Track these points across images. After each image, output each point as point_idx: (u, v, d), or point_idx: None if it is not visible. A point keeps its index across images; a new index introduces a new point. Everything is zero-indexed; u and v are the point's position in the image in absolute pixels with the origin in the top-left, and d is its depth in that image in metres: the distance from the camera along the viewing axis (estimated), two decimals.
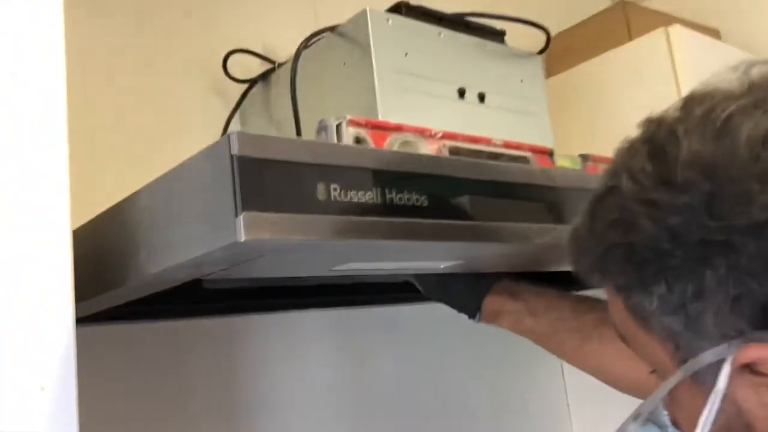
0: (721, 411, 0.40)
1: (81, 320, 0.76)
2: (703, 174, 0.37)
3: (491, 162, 0.63)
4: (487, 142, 0.81)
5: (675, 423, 0.46)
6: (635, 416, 0.46)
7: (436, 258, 0.68)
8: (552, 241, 0.64)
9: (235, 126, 1.13)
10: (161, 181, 0.54)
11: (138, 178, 1.00)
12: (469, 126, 0.99)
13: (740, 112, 0.38)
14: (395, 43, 0.93)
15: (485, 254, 0.69)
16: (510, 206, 0.62)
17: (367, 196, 0.53)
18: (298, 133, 0.95)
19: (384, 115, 0.89)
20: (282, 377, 1.08)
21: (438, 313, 1.22)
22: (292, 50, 1.01)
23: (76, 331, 0.55)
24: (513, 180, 0.63)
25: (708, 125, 0.39)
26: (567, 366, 1.48)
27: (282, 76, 1.05)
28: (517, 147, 0.84)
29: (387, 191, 0.54)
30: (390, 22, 0.94)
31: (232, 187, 0.46)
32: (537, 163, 0.84)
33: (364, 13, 0.92)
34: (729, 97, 0.40)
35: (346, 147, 0.59)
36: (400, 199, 0.55)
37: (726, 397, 0.40)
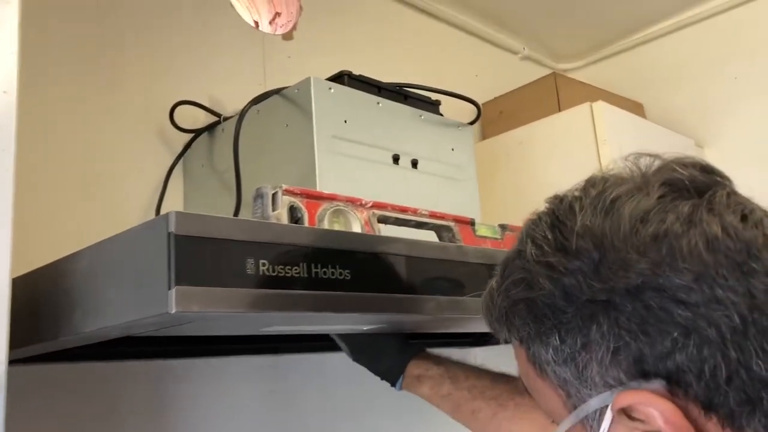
0: None
1: (12, 362, 0.78)
2: (592, 243, 0.44)
3: (409, 240, 0.69)
4: (414, 212, 0.87)
5: None
6: None
7: (359, 323, 0.73)
8: (459, 314, 0.70)
9: (177, 174, 1.16)
10: (101, 246, 0.58)
11: (83, 224, 1.03)
12: (402, 190, 1.05)
13: (625, 194, 0.45)
14: (336, 110, 1.00)
15: (405, 321, 0.75)
16: (425, 280, 0.68)
17: (294, 271, 0.58)
18: (238, 185, 1.00)
19: (321, 177, 0.95)
20: (211, 420, 1.10)
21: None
22: (238, 104, 1.06)
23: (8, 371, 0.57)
24: (429, 256, 0.69)
25: (599, 203, 0.45)
26: None
27: (227, 130, 1.10)
28: (442, 217, 0.90)
29: (313, 266, 0.59)
30: (332, 90, 1.00)
31: (167, 262, 0.50)
32: (459, 232, 0.91)
33: (308, 80, 0.98)
34: (618, 181, 0.47)
35: (276, 225, 0.64)
36: (325, 273, 0.60)
37: None
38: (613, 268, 0.43)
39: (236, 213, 0.98)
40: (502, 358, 1.53)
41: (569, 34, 1.91)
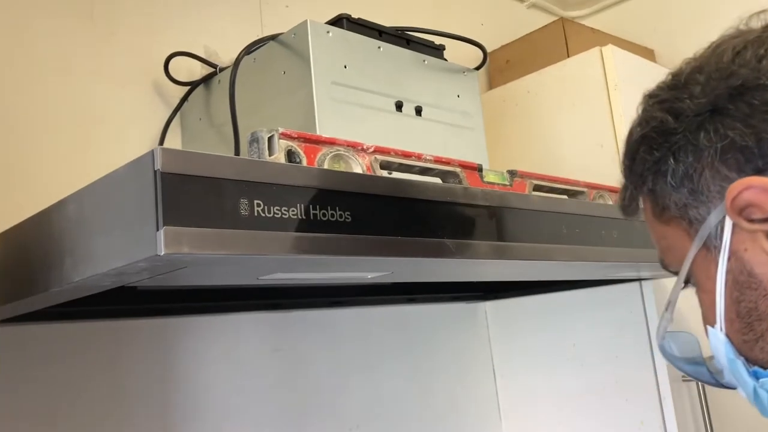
0: (729, 271, 0.48)
1: (11, 320, 0.76)
2: (698, 71, 0.49)
3: (412, 179, 0.66)
4: (418, 157, 0.83)
5: (704, 319, 0.52)
6: (666, 306, 0.55)
7: (362, 270, 0.70)
8: (468, 257, 0.67)
9: (175, 128, 1.13)
10: (87, 191, 0.55)
11: (79, 179, 1.00)
12: (406, 139, 1.02)
13: (729, 37, 0.50)
14: (335, 55, 0.95)
15: (411, 267, 0.72)
16: (431, 222, 0.65)
17: (291, 212, 0.55)
18: (236, 138, 0.97)
19: (321, 126, 0.91)
20: (216, 379, 1.09)
21: (374, 317, 1.25)
22: (234, 55, 1.02)
23: (7, 330, 0.56)
24: (434, 198, 0.66)
25: (706, 48, 0.50)
26: (499, 370, 1.53)
27: (223, 81, 1.06)
28: (447, 162, 0.87)
29: (311, 207, 0.56)
30: (330, 34, 0.96)
31: (155, 202, 0.47)
32: (466, 178, 0.87)
33: (305, 24, 0.94)
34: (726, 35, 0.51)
35: (270, 164, 0.61)
36: (324, 215, 0.57)
37: (732, 255, 0.48)
38: (715, 79, 0.47)
39: None
40: (510, 311, 1.51)
41: None
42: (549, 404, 1.45)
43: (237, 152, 0.95)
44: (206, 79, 1.10)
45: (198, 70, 1.13)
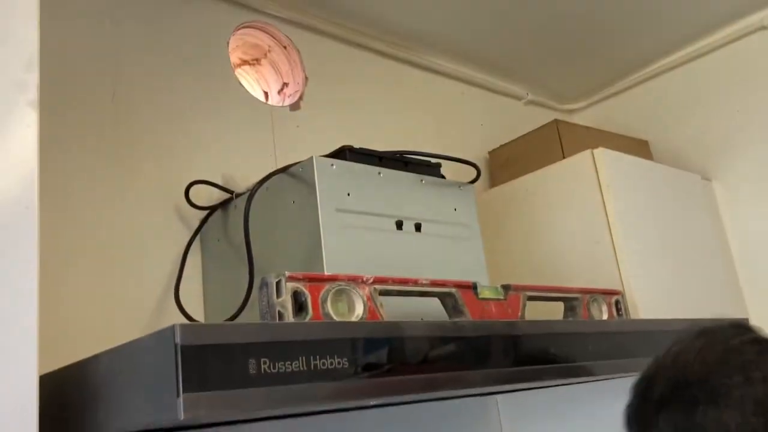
0: None
1: None
2: None
3: (403, 321, 0.74)
4: (415, 282, 0.91)
5: None
6: None
7: (361, 402, 0.77)
8: (463, 386, 0.74)
9: (195, 248, 1.22)
10: (116, 352, 0.64)
11: (106, 301, 1.08)
12: (407, 255, 1.10)
13: None
14: (338, 184, 1.05)
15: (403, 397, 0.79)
16: (422, 359, 0.72)
17: (294, 366, 0.62)
18: (250, 263, 1.05)
19: (327, 250, 1.00)
20: None
21: (387, 415, 1.28)
22: (251, 177, 1.12)
23: None
24: (424, 335, 0.73)
25: None
26: None
27: (239, 206, 1.16)
28: (443, 284, 0.94)
29: (312, 358, 0.64)
30: (334, 167, 1.06)
31: (175, 372, 0.55)
32: (462, 297, 0.95)
33: (311, 159, 1.04)
34: None
35: (273, 324, 0.69)
36: (323, 363, 0.64)
37: None
38: None
39: (249, 289, 1.03)
40: (522, 402, 1.55)
41: (571, 75, 1.95)
42: None
43: (251, 277, 1.04)
44: (224, 204, 1.21)
45: (216, 195, 1.23)
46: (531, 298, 1.06)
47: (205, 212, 1.22)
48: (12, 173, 0.63)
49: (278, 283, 0.78)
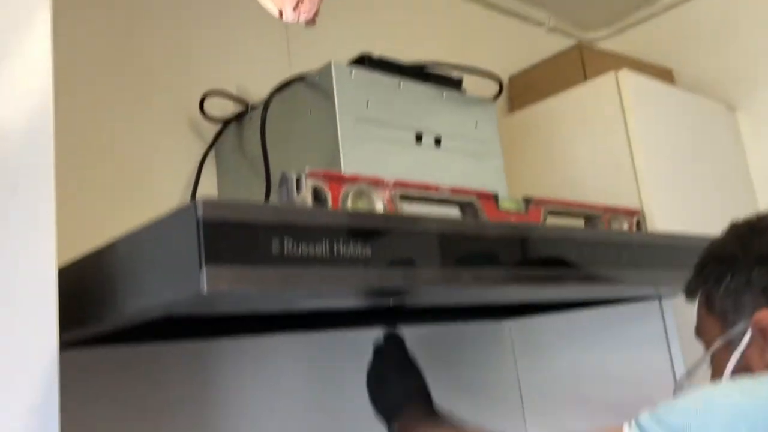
0: (737, 362, 0.69)
1: (65, 346, 0.84)
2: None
3: (426, 217, 0.72)
4: (436, 189, 0.89)
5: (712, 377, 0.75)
6: (688, 374, 0.77)
7: (383, 297, 0.76)
8: (485, 284, 0.73)
9: (210, 162, 1.21)
10: (136, 233, 0.62)
11: (120, 215, 1.08)
12: (426, 169, 1.08)
13: None
14: (357, 93, 1.02)
15: (426, 294, 0.78)
16: (444, 254, 0.71)
17: (317, 250, 0.61)
18: (267, 172, 1.04)
19: (346, 160, 0.98)
20: (252, 399, 1.15)
21: (408, 336, 1.29)
22: (266, 89, 1.10)
23: (60, 355, 0.62)
24: (446, 231, 0.72)
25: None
26: (524, 386, 1.56)
27: (254, 118, 1.14)
28: (464, 193, 0.92)
29: (335, 244, 0.62)
30: (353, 74, 1.03)
31: (197, 246, 0.54)
32: (483, 207, 0.93)
33: (329, 66, 1.01)
34: None
35: (298, 208, 0.67)
36: (347, 251, 0.63)
37: (742, 355, 0.70)
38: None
39: (267, 198, 1.02)
40: (535, 329, 1.54)
41: (595, 2, 1.89)
42: (573, 418, 1.48)
43: (268, 186, 1.02)
44: (239, 117, 1.18)
45: (231, 107, 1.21)
46: (552, 213, 1.04)
47: (220, 125, 1.20)
48: (28, 83, 0.64)
49: (298, 179, 0.76)
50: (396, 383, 0.94)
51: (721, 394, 0.62)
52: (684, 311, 1.39)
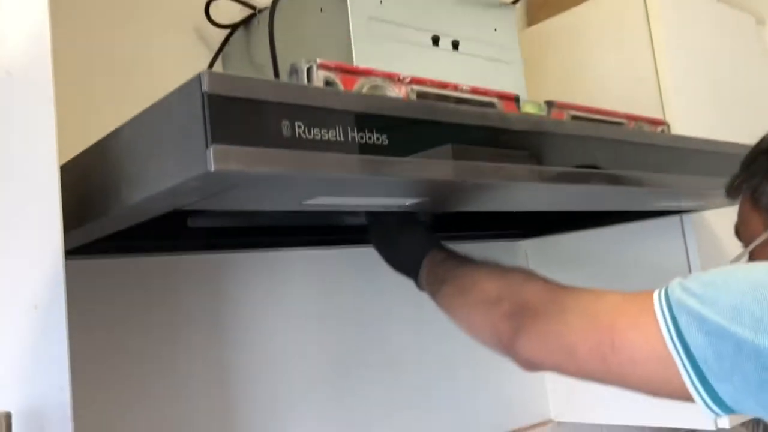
0: None
1: (74, 252, 0.82)
2: None
3: (448, 105, 0.68)
4: (455, 87, 0.85)
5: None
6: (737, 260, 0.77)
7: (400, 194, 0.73)
8: (508, 179, 0.69)
9: (217, 69, 1.16)
10: (140, 117, 0.59)
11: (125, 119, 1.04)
12: (443, 73, 1.02)
13: None
14: None
15: (447, 192, 0.74)
16: (466, 147, 0.67)
17: (330, 134, 0.57)
18: (276, 76, 0.99)
19: (359, 62, 0.93)
20: (265, 312, 1.14)
21: None
22: None
23: (69, 264, 0.61)
24: (469, 122, 0.68)
25: None
26: None
27: (262, 22, 1.08)
28: (485, 93, 0.88)
29: (349, 130, 0.59)
30: None
31: (203, 122, 0.50)
32: (503, 109, 0.89)
33: None
34: None
35: (310, 88, 0.63)
36: (362, 137, 0.59)
37: None
38: None
39: None
40: (550, 249, 1.52)
41: None
42: None
43: None
44: (246, 21, 1.13)
45: (238, 13, 1.15)
46: (574, 118, 0.99)
47: (227, 31, 1.15)
48: None
49: (309, 70, 0.72)
50: (410, 237, 0.94)
51: (746, 269, 0.62)
52: (705, 227, 1.35)
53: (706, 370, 0.57)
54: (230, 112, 0.52)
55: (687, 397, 0.60)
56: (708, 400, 0.59)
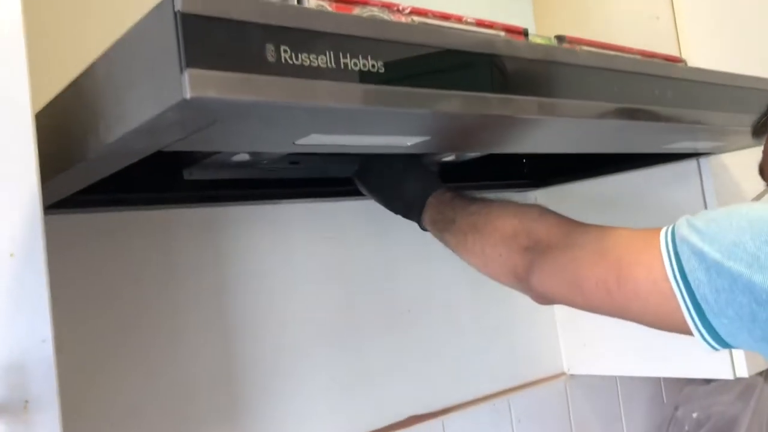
0: None
1: (65, 204, 0.78)
2: None
3: (452, 29, 0.63)
4: (458, 19, 0.79)
5: None
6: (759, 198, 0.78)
7: (400, 132, 0.68)
8: (509, 111, 0.64)
9: None
10: (113, 48, 0.54)
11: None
12: (449, 6, 0.97)
13: None
14: None
15: (450, 128, 0.70)
16: (470, 75, 0.62)
17: (320, 60, 0.52)
18: None
19: None
20: (266, 264, 1.11)
21: None
22: None
23: (61, 218, 0.57)
24: (474, 49, 0.62)
25: None
26: None
27: None
28: (490, 26, 0.82)
29: (341, 55, 0.54)
30: None
31: (177, 44, 0.46)
32: None
33: None
34: None
35: (296, 7, 0.58)
36: (355, 64, 0.54)
37: None
38: None
39: None
40: (561, 198, 1.47)
41: None
42: None
43: None
44: None
45: None
46: None
47: None
48: None
49: None
50: (414, 177, 0.91)
51: (749, 207, 0.61)
52: (722, 172, 1.30)
53: (704, 305, 0.58)
54: (207, 34, 0.47)
55: (686, 331, 0.61)
56: (705, 335, 0.60)
